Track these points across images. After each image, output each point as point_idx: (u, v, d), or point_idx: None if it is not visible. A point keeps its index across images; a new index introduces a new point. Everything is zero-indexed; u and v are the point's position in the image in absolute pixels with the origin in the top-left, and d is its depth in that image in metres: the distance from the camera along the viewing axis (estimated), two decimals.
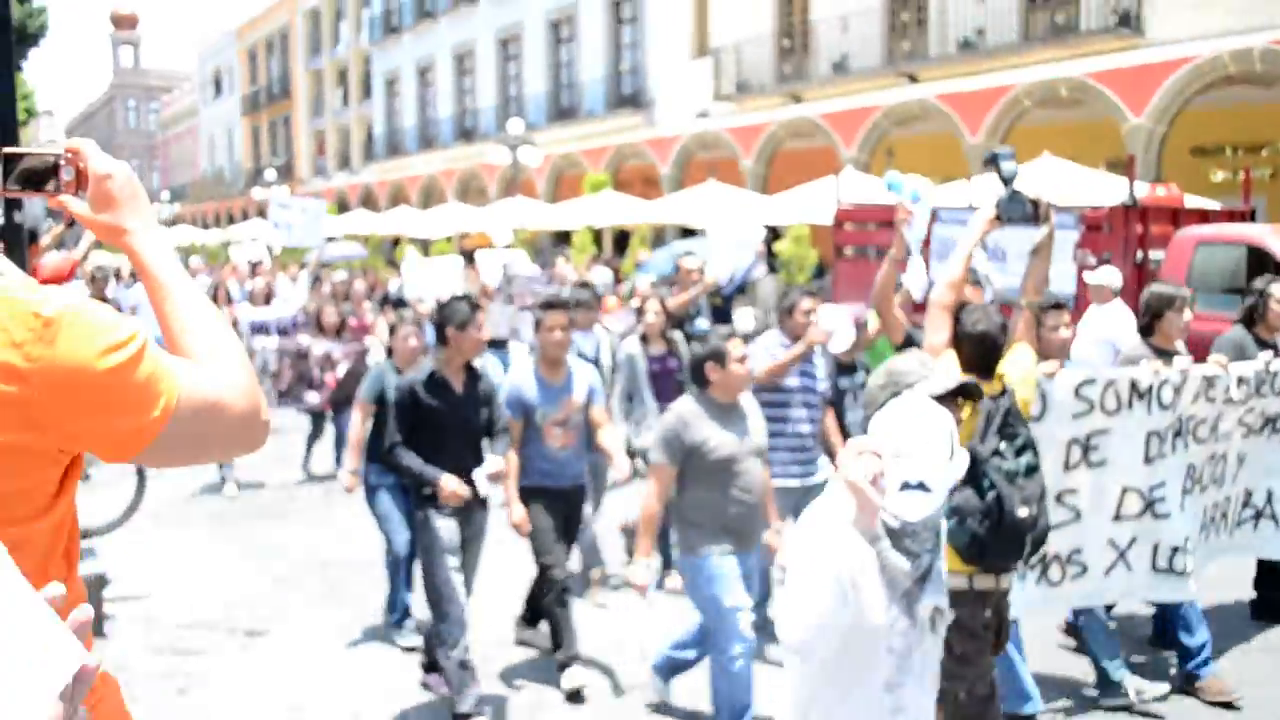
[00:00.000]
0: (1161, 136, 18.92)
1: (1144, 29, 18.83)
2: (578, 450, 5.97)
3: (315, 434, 11.02)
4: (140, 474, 9.02)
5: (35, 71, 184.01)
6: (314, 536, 8.89)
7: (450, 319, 5.41)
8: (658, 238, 26.42)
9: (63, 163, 1.62)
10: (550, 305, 6.00)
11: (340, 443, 10.18)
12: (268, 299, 12.28)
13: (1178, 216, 11.50)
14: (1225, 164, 20.14)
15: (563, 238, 28.58)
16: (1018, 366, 4.56)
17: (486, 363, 10.86)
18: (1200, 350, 5.83)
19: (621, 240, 26.74)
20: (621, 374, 7.49)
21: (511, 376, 6.19)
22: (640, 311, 7.86)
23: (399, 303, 14.16)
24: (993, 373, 4.27)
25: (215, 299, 14.12)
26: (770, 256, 21.30)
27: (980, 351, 4.25)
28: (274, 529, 9.22)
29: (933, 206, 12.75)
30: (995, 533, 3.83)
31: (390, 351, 6.86)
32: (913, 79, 22.67)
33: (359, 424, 6.52)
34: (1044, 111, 21.03)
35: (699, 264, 9.61)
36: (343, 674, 6.02)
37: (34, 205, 5.63)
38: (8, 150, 1.61)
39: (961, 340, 4.29)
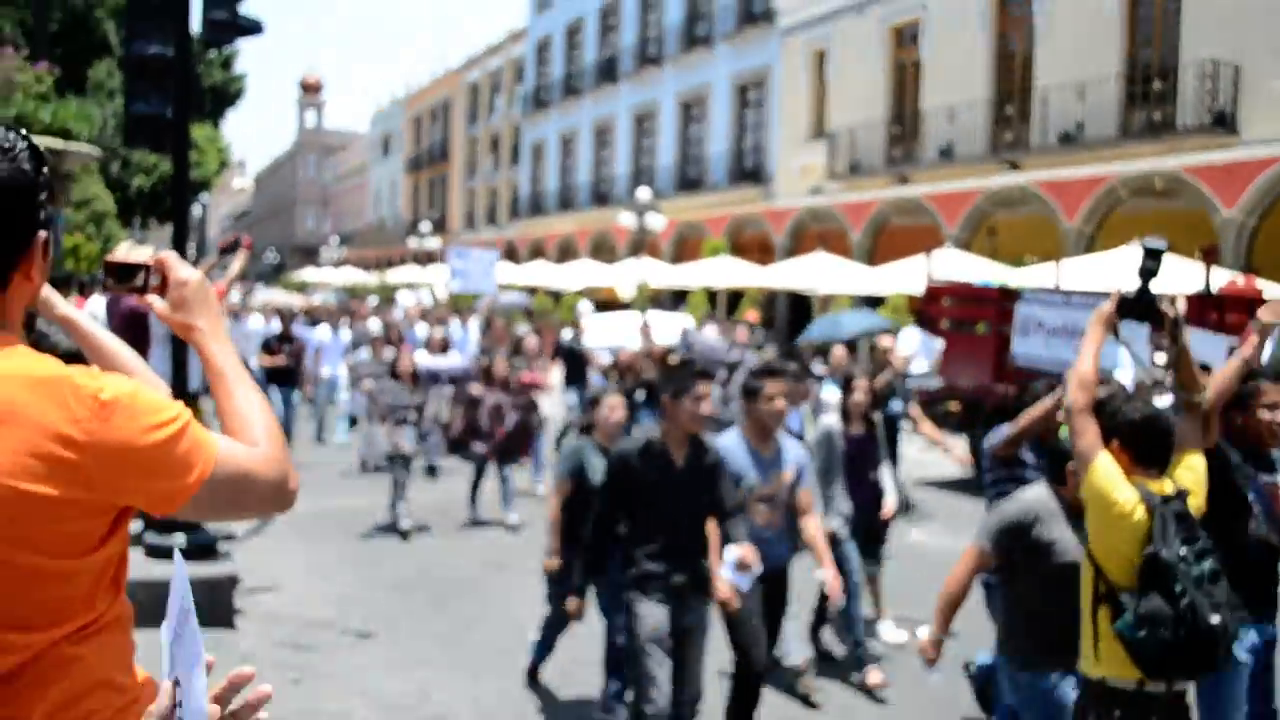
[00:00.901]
0: (1252, 229, 18.32)
1: (1238, 128, 18.31)
2: (783, 531, 5.21)
3: (477, 480, 10.30)
4: None
5: (232, 128, 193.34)
6: (424, 551, 9.07)
7: (665, 386, 4.73)
8: (769, 302, 26.42)
9: (151, 268, 1.82)
10: (771, 373, 5.19)
11: (507, 493, 10.07)
12: (444, 348, 11.86)
13: (1255, 306, 11.10)
14: None
15: (681, 296, 28.75)
16: (1192, 472, 3.76)
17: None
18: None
19: (734, 301, 26.78)
20: (816, 452, 6.51)
21: (718, 446, 5.08)
22: (848, 389, 6.87)
23: (570, 353, 13.87)
24: (1165, 466, 3.64)
25: (388, 339, 14.01)
26: None
27: (1150, 439, 3.59)
28: (392, 545, 9.46)
29: (1019, 287, 12.62)
30: (1188, 642, 3.38)
31: (588, 427, 5.99)
32: (1014, 166, 22.36)
33: (556, 505, 5.70)
34: (1139, 201, 20.53)
35: (892, 342, 9.39)
36: (442, 681, 6.15)
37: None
38: (109, 258, 1.85)
39: (1125, 432, 3.60)
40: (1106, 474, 3.56)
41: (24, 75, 9.06)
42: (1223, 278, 12.65)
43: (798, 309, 25.72)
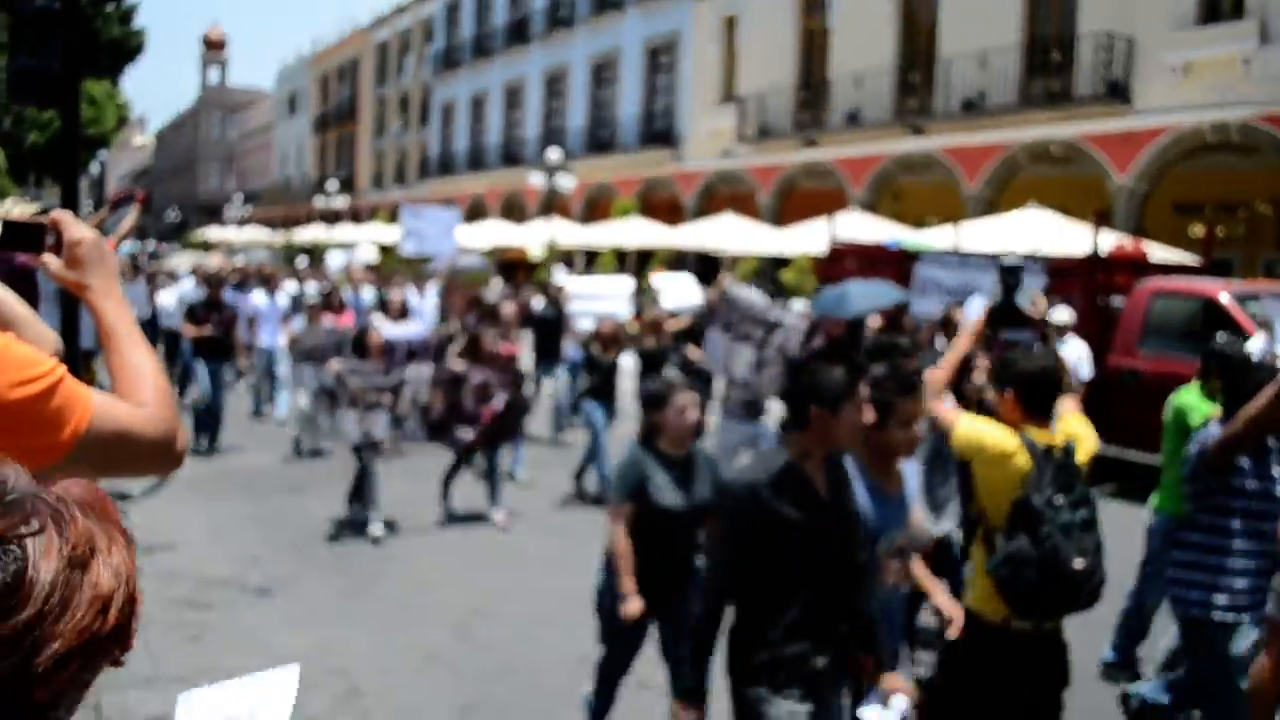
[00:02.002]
0: (1144, 195, 18.88)
1: (1132, 98, 18.81)
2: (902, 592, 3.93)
3: (454, 470, 8.92)
4: None
5: (133, 84, 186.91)
6: (327, 510, 8.93)
7: (817, 392, 3.19)
8: (678, 262, 26.53)
9: (47, 227, 1.78)
10: (910, 387, 3.57)
11: (495, 485, 8.79)
12: (404, 313, 10.32)
13: (1142, 269, 11.49)
14: (1203, 222, 20.04)
15: (591, 257, 28.73)
16: (1084, 424, 4.04)
17: None
18: (1155, 393, 5.71)
19: (643, 261, 26.84)
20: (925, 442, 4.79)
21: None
22: (969, 370, 5.45)
23: (542, 323, 12.60)
24: (1050, 416, 3.79)
25: (330, 305, 11.91)
26: (774, 284, 21.37)
27: (1040, 390, 3.73)
28: (292, 499, 9.33)
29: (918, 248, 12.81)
30: (1049, 584, 3.52)
31: (652, 432, 4.56)
32: (918, 131, 22.69)
33: (621, 534, 4.41)
34: (1038, 167, 21.01)
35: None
36: (342, 637, 6.11)
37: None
38: (4, 218, 1.81)
39: (1018, 383, 3.74)
40: (968, 428, 3.79)
41: None
42: (1111, 241, 13.02)
43: (706, 270, 25.82)
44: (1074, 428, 3.97)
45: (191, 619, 6.15)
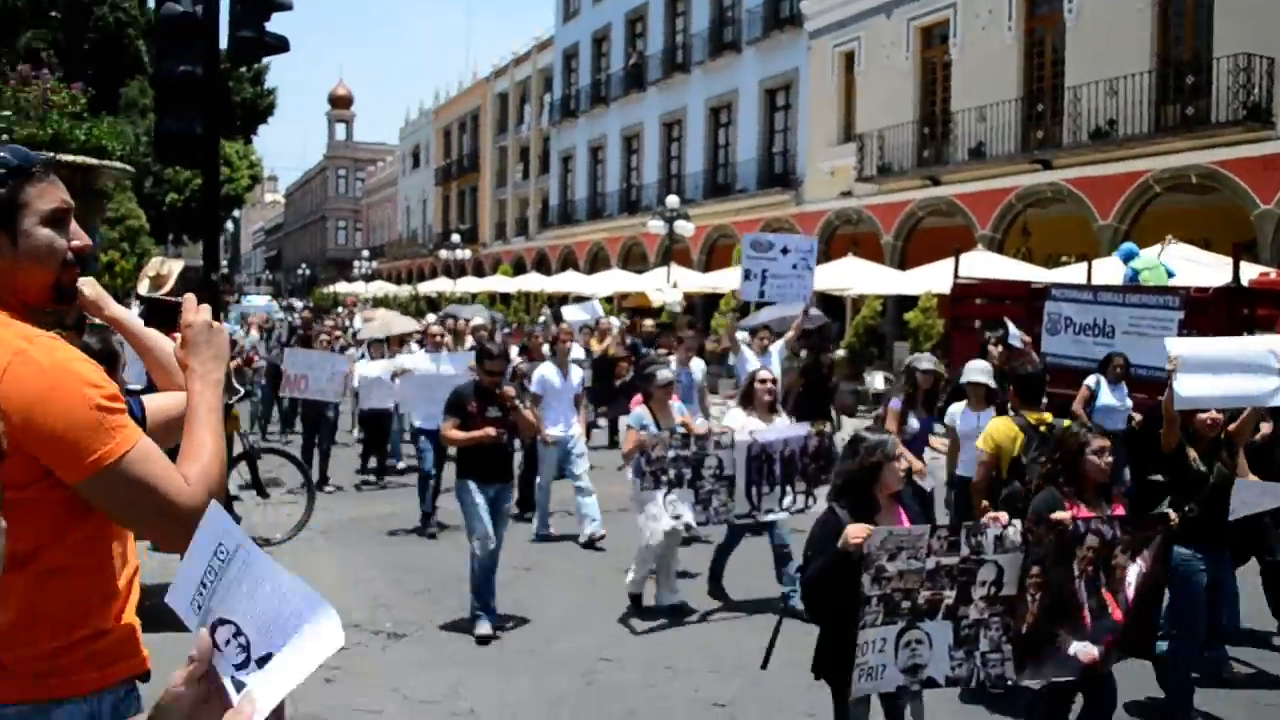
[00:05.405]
0: None
1: (1274, 121, 18.25)
2: None
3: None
4: (310, 495, 9.61)
5: (263, 142, 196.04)
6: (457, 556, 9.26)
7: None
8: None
9: (181, 307, 2.08)
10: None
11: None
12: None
13: None
14: None
15: (713, 301, 28.95)
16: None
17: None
18: None
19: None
20: None
21: None
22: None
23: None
24: (1039, 403, 6.64)
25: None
26: (901, 325, 21.24)
27: (1029, 386, 6.65)
28: (422, 549, 9.67)
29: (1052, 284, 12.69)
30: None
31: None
32: (1046, 165, 22.35)
33: None
34: (1174, 196, 20.46)
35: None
36: (471, 676, 6.34)
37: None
38: (150, 296, 2.21)
39: (1016, 381, 6.73)
40: (994, 425, 6.62)
41: (58, 96, 9.38)
42: (1254, 271, 12.65)
43: (829, 312, 25.73)
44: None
45: (328, 660, 6.44)
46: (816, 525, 4.40)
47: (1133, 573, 4.46)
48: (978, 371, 7.70)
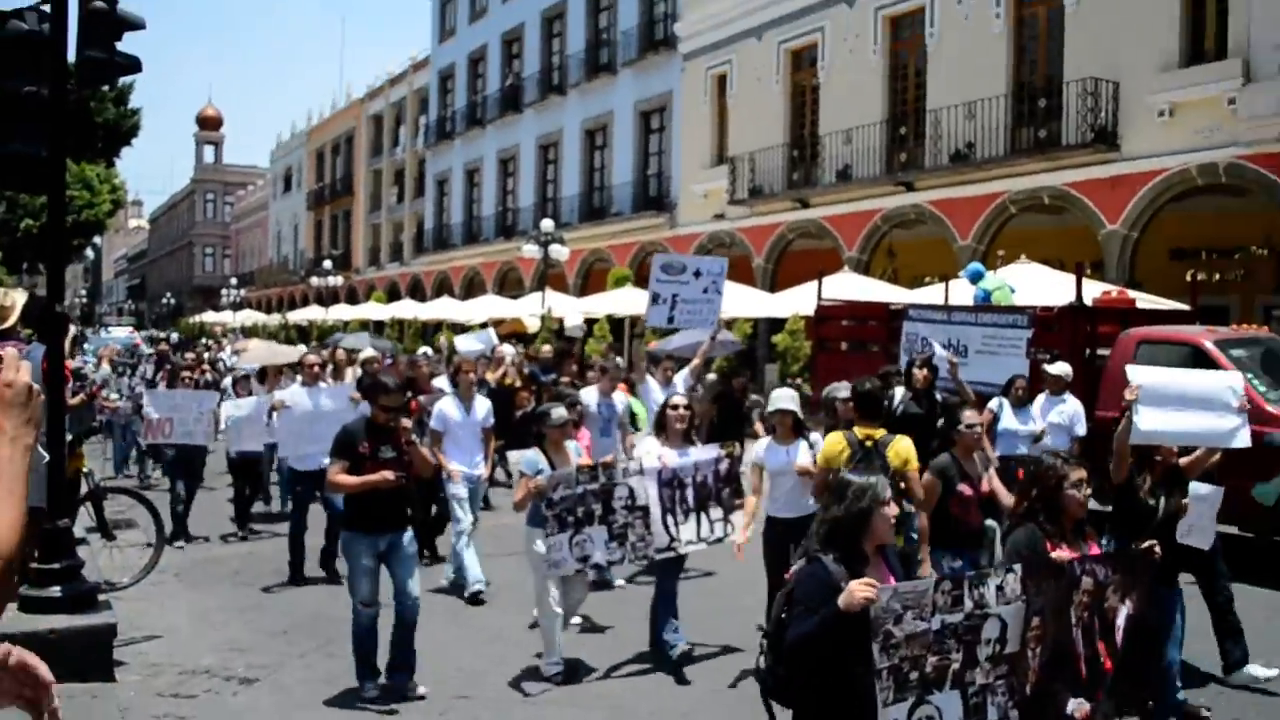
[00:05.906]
0: (1135, 242, 19.10)
1: (1119, 144, 19.12)
2: None
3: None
4: (160, 535, 9.33)
5: (128, 165, 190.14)
6: (315, 595, 9.10)
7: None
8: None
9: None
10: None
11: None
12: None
13: (1128, 317, 11.65)
14: (1200, 266, 20.21)
15: (588, 325, 28.97)
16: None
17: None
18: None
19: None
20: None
21: None
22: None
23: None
24: (878, 419, 7.05)
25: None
26: (770, 347, 21.60)
27: (866, 403, 7.02)
28: (283, 588, 9.44)
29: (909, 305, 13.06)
30: None
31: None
32: (909, 187, 23.03)
33: None
34: (1029, 217, 21.27)
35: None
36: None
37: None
38: None
39: (856, 398, 7.08)
40: (827, 441, 6.93)
41: None
42: (1098, 290, 13.22)
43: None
44: (901, 446, 6.80)
45: (175, 711, 6.26)
46: (800, 578, 3.89)
47: (1122, 615, 4.28)
48: (785, 399, 7.14)
